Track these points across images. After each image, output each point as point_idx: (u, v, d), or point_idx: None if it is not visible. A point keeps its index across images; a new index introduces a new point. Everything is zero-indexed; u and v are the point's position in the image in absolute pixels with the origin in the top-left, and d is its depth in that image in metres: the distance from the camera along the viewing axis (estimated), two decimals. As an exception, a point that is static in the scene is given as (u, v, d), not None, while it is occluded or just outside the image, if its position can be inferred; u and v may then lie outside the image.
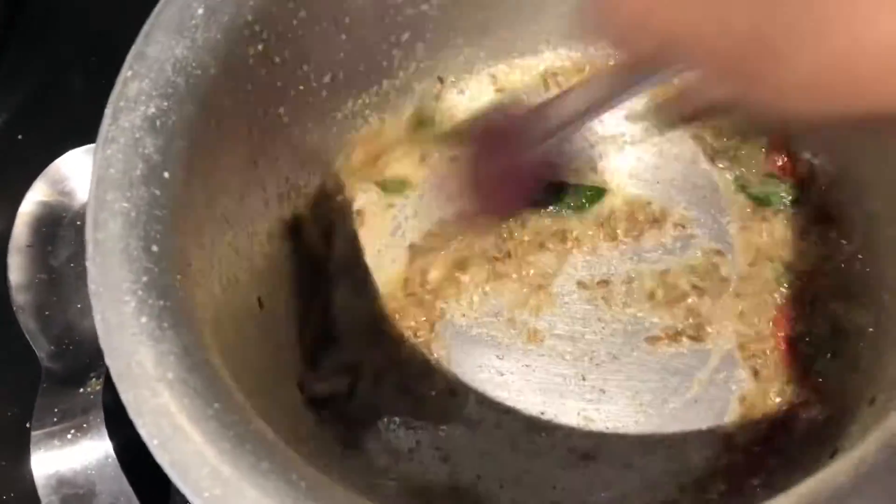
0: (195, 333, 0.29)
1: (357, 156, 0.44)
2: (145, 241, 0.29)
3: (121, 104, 0.31)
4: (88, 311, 0.29)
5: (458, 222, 0.42)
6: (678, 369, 0.40)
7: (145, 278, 0.28)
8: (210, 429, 0.27)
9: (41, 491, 0.38)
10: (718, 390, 0.39)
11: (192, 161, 0.32)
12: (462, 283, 0.42)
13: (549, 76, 0.46)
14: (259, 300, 0.37)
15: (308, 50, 0.38)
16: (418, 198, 0.44)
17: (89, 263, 0.29)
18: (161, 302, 0.28)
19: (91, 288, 0.28)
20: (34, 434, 0.39)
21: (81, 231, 0.30)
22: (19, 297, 0.43)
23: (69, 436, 0.39)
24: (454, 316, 0.42)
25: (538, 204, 0.43)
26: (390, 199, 0.44)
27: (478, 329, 0.42)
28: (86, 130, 0.31)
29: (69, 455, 0.39)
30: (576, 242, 0.43)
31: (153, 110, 0.31)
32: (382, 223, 0.44)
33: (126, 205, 0.29)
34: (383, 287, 0.42)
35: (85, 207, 0.31)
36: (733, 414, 0.39)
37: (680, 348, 0.40)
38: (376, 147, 0.44)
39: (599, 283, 0.42)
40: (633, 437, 0.39)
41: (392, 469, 0.39)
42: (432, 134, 0.45)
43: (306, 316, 0.41)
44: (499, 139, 0.40)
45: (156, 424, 0.27)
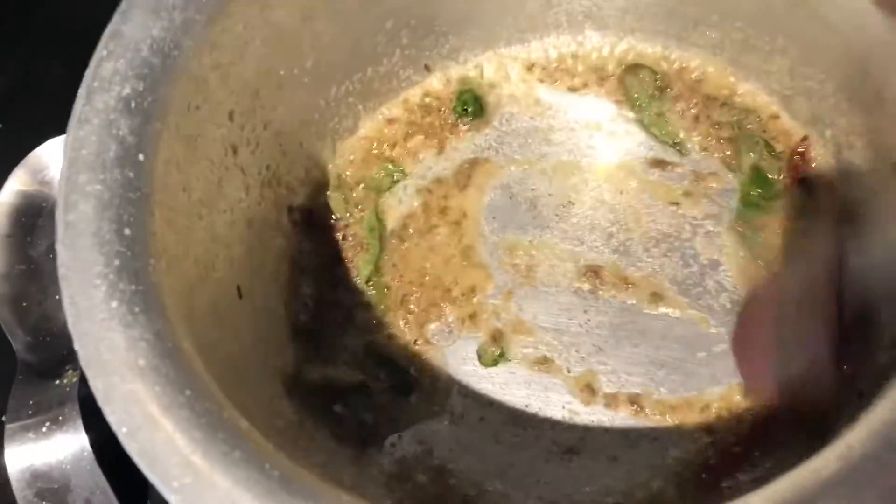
0: (168, 320, 0.28)
1: (345, 147, 0.43)
2: (118, 225, 0.28)
3: (95, 84, 0.30)
4: (67, 303, 0.28)
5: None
6: (664, 362, 0.39)
7: (117, 262, 0.28)
8: (181, 417, 0.26)
9: (15, 485, 0.38)
10: (704, 383, 0.39)
11: (168, 144, 0.31)
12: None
13: (536, 66, 0.45)
14: (238, 289, 0.37)
15: (289, 34, 0.37)
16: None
17: (59, 246, 0.28)
18: (133, 286, 0.28)
19: (61, 271, 0.28)
20: (8, 427, 0.39)
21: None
22: (-3, 288, 0.42)
23: (44, 429, 0.39)
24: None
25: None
26: (378, 188, 0.44)
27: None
28: (65, 119, 0.30)
29: (44, 449, 0.38)
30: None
31: (128, 91, 0.30)
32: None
33: (99, 187, 0.29)
34: (366, 278, 0.42)
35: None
36: (718, 407, 0.38)
37: (666, 341, 0.40)
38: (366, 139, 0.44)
39: (587, 273, 0.42)
40: (618, 431, 0.38)
41: (373, 461, 0.38)
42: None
43: (290, 307, 0.40)
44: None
45: (126, 412, 0.26)
